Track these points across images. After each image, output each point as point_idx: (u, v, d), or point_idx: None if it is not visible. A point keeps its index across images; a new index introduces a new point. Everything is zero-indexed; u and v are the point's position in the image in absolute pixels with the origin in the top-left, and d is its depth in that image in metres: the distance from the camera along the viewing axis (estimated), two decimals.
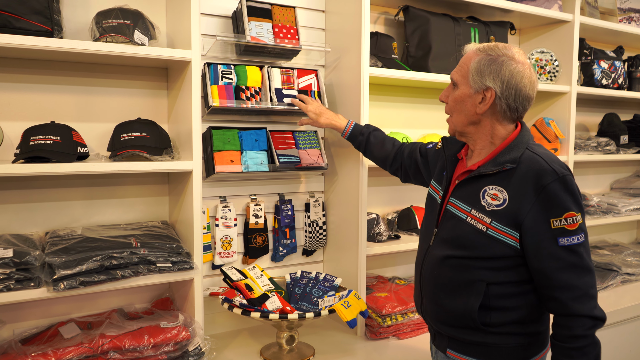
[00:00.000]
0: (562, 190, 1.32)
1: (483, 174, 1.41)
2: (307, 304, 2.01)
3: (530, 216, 1.32)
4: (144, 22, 1.75)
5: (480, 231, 1.38)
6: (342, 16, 2.17)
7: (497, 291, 1.39)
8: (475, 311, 1.38)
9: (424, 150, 1.81)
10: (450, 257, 1.44)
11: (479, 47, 1.43)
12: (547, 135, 2.74)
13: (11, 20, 1.52)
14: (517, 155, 1.38)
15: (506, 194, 1.36)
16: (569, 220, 1.31)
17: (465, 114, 1.44)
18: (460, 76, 1.44)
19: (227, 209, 2.09)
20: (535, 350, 1.44)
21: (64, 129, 1.67)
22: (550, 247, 1.31)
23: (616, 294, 2.71)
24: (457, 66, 1.47)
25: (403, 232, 2.45)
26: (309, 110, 2.01)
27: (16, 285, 1.50)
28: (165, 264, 1.70)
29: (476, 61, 1.40)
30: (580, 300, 1.31)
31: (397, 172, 1.92)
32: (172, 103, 1.96)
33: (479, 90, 1.40)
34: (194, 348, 1.71)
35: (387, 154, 1.89)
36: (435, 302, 1.49)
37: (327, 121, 1.98)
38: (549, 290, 1.34)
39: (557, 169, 1.33)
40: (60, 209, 1.87)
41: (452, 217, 1.46)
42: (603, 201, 3.09)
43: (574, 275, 1.31)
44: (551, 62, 2.77)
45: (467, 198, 1.43)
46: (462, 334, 1.44)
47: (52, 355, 1.52)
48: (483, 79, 1.39)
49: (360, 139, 1.93)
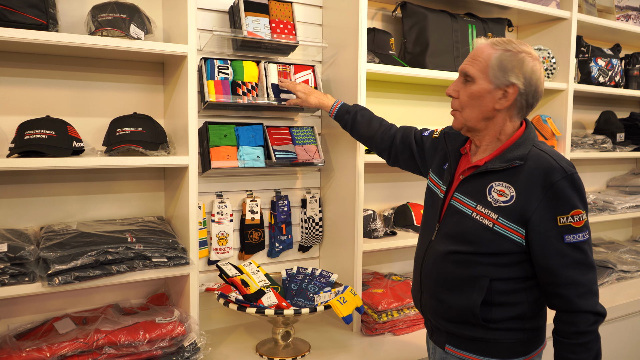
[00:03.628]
0: (569, 188, 1.32)
1: (490, 170, 1.40)
2: (303, 300, 2.01)
3: (538, 213, 1.33)
4: (140, 16, 1.74)
5: (486, 227, 1.38)
6: (340, 12, 2.16)
7: (500, 287, 1.39)
8: (478, 307, 1.38)
9: (419, 138, 1.77)
10: (454, 252, 1.43)
11: (493, 42, 1.40)
12: (544, 132, 2.74)
13: (5, 14, 1.51)
14: (525, 152, 1.38)
15: (513, 191, 1.36)
16: (576, 217, 1.32)
17: (480, 110, 1.41)
18: (478, 71, 1.39)
19: (223, 205, 2.09)
20: (534, 345, 1.45)
21: (59, 123, 1.66)
22: (556, 243, 1.32)
23: (611, 291, 2.72)
24: (470, 60, 1.41)
25: (399, 229, 2.45)
26: (297, 90, 1.99)
27: (11, 280, 1.50)
28: (161, 260, 1.69)
29: (496, 56, 1.37)
30: (585, 297, 1.32)
31: (383, 152, 1.88)
32: (168, 98, 1.95)
33: (500, 86, 1.37)
34: (190, 343, 1.71)
35: (374, 133, 1.86)
36: (436, 297, 1.48)
37: (317, 100, 1.97)
38: (554, 286, 1.35)
39: (566, 167, 1.34)
40: (55, 203, 1.86)
41: (457, 212, 1.45)
42: (599, 199, 3.10)
43: (578, 272, 1.32)
44: (548, 59, 2.77)
45: (473, 193, 1.43)
46: (462, 330, 1.44)
47: (46, 351, 1.51)
48: (506, 74, 1.36)
49: (346, 118, 1.91)
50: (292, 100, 2.02)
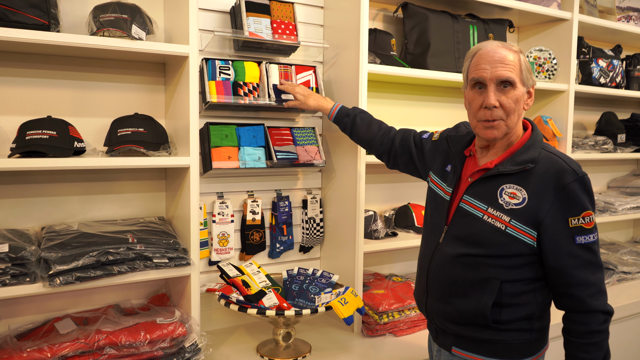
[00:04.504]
0: (580, 190, 1.34)
1: (502, 173, 1.41)
2: (304, 301, 2.01)
3: (550, 215, 1.34)
4: (142, 17, 1.74)
5: (498, 229, 1.38)
6: (341, 12, 2.16)
7: (510, 289, 1.40)
8: (489, 309, 1.38)
9: (419, 140, 1.77)
10: (464, 255, 1.43)
11: (505, 45, 1.41)
12: (545, 133, 2.74)
13: (7, 14, 1.50)
14: (536, 155, 1.39)
15: (525, 193, 1.37)
16: (586, 219, 1.34)
17: (518, 114, 1.43)
18: (516, 76, 1.39)
19: (224, 205, 2.08)
20: (539, 346, 1.46)
21: (61, 123, 1.66)
22: (568, 245, 1.34)
23: (612, 293, 2.71)
24: (503, 65, 1.38)
25: (400, 230, 2.45)
26: (296, 92, 1.99)
27: (12, 280, 1.50)
28: (162, 260, 1.69)
29: (523, 60, 1.42)
30: (596, 297, 1.35)
31: (383, 156, 1.88)
32: (170, 98, 1.95)
33: (528, 88, 1.44)
34: (190, 344, 1.71)
35: (373, 137, 1.87)
36: (444, 300, 1.48)
37: (315, 103, 1.98)
38: (566, 287, 1.36)
39: (577, 169, 1.36)
40: (56, 204, 1.86)
41: (467, 214, 1.45)
42: (600, 200, 3.10)
43: (589, 272, 1.35)
44: (549, 60, 2.77)
45: (483, 196, 1.43)
46: (471, 332, 1.44)
47: (47, 351, 1.51)
48: (531, 75, 1.43)
49: (346, 121, 1.92)
50: (291, 102, 2.02)
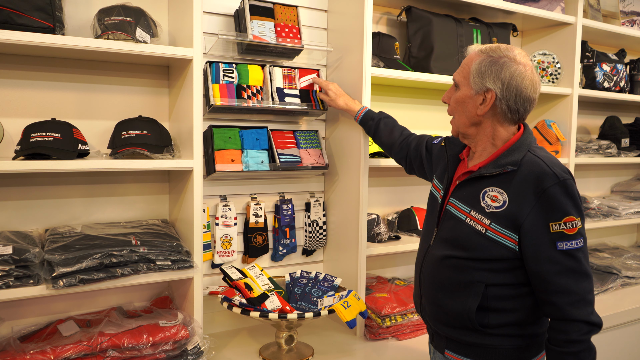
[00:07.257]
0: (562, 194, 1.31)
1: (484, 175, 1.41)
2: (307, 304, 2.00)
3: (530, 219, 1.32)
4: (146, 20, 1.74)
5: (479, 232, 1.38)
6: (345, 16, 2.16)
7: (496, 293, 1.39)
8: (473, 312, 1.38)
9: (430, 145, 1.81)
10: (449, 257, 1.44)
11: (481, 49, 1.43)
12: (548, 137, 2.73)
13: (13, 17, 1.51)
14: (519, 158, 1.37)
15: (506, 196, 1.36)
16: (568, 224, 1.31)
17: (466, 115, 1.45)
18: (462, 77, 1.45)
19: (227, 208, 2.09)
20: (533, 352, 1.44)
21: (65, 126, 1.66)
22: (548, 250, 1.31)
23: (616, 297, 2.71)
24: (459, 67, 1.48)
25: (403, 233, 2.44)
26: (329, 89, 2.05)
27: (15, 282, 1.50)
28: (165, 263, 1.69)
29: (477, 62, 1.40)
30: (577, 306, 1.30)
31: (401, 161, 1.95)
32: (174, 101, 1.96)
33: (480, 92, 1.40)
34: (193, 347, 1.71)
35: (394, 142, 1.93)
36: (434, 302, 1.49)
37: (344, 103, 2.03)
38: (546, 294, 1.33)
39: (558, 173, 1.33)
40: (60, 206, 1.86)
41: (452, 217, 1.46)
42: (603, 204, 3.09)
43: (571, 280, 1.30)
44: (553, 64, 2.77)
45: (467, 199, 1.43)
46: (460, 335, 1.44)
47: (50, 353, 1.51)
48: (483, 80, 1.39)
49: (370, 124, 1.97)
50: (322, 95, 2.09)
